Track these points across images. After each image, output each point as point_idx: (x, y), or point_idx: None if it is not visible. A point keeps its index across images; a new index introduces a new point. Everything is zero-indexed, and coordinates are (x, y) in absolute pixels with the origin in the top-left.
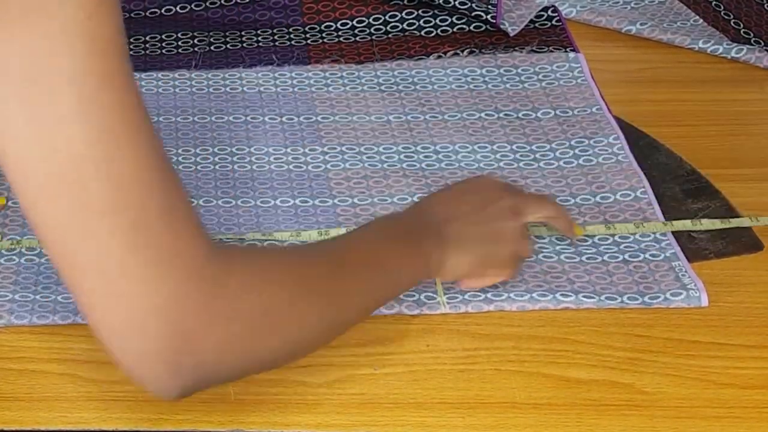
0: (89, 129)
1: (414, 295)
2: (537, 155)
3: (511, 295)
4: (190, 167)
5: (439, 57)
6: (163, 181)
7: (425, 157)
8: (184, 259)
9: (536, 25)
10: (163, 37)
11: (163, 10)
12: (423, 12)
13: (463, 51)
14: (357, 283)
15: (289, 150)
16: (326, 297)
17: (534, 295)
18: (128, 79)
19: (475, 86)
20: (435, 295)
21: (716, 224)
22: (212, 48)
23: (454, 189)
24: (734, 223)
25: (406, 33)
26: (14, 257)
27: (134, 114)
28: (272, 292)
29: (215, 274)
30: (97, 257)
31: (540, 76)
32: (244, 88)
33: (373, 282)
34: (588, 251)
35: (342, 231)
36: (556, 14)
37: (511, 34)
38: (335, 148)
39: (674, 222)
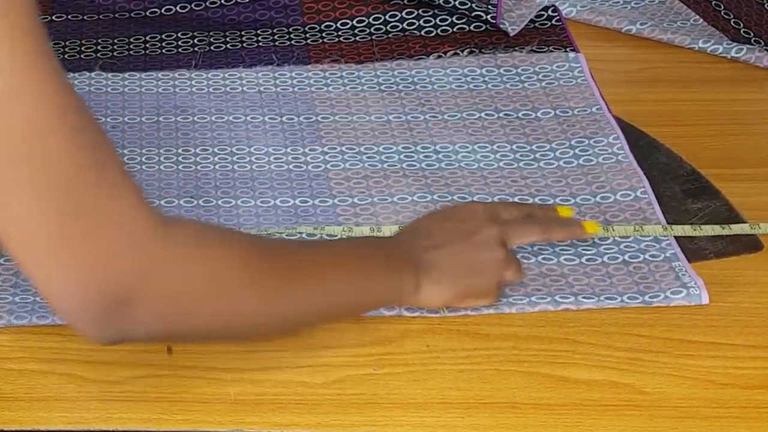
0: (18, 113)
1: None
2: (537, 155)
3: (510, 299)
4: (190, 167)
5: (439, 57)
6: (94, 156)
7: (425, 156)
8: (121, 225)
9: (536, 24)
10: (163, 36)
11: (163, 10)
12: (423, 12)
13: (463, 51)
14: (315, 281)
15: (289, 150)
16: (276, 286)
17: (533, 298)
18: (51, 65)
19: (475, 86)
20: None
21: (716, 230)
22: (212, 48)
23: (440, 215)
24: (735, 229)
25: (406, 33)
26: None
27: (61, 96)
28: (214, 266)
29: (155, 238)
30: (38, 231)
31: (540, 76)
32: (244, 88)
33: (334, 286)
34: (587, 252)
35: (365, 230)
36: (556, 14)
37: (511, 34)
38: (335, 148)
39: (674, 226)
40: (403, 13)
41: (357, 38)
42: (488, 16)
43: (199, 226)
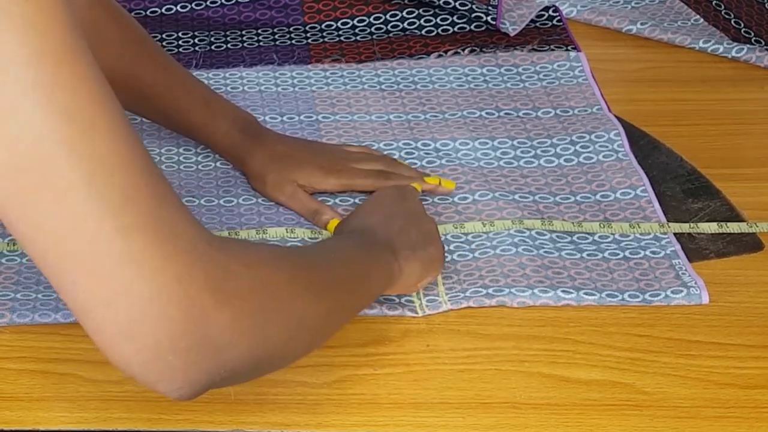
0: (51, 110)
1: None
2: (537, 152)
3: (513, 290)
4: (192, 167)
5: (440, 56)
6: (145, 161)
7: (425, 154)
8: (184, 241)
9: (537, 24)
10: (164, 36)
11: (163, 10)
12: (424, 11)
13: (463, 50)
14: (340, 287)
15: None
16: (322, 288)
17: (535, 291)
18: (84, 56)
19: (475, 85)
20: (437, 297)
21: (713, 227)
22: (213, 47)
23: (370, 206)
24: (731, 228)
25: (407, 32)
26: (16, 257)
27: (99, 91)
28: (273, 275)
29: (217, 255)
30: (88, 246)
31: (541, 75)
32: (245, 88)
33: (355, 283)
34: (588, 248)
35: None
36: (557, 14)
37: (512, 34)
38: None
39: (671, 224)
40: (404, 13)
41: (358, 38)
42: (488, 17)
43: (243, 240)
